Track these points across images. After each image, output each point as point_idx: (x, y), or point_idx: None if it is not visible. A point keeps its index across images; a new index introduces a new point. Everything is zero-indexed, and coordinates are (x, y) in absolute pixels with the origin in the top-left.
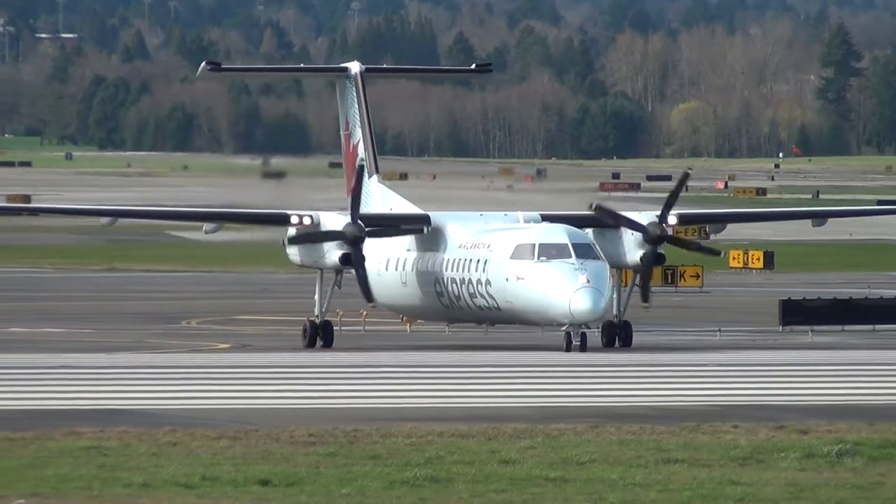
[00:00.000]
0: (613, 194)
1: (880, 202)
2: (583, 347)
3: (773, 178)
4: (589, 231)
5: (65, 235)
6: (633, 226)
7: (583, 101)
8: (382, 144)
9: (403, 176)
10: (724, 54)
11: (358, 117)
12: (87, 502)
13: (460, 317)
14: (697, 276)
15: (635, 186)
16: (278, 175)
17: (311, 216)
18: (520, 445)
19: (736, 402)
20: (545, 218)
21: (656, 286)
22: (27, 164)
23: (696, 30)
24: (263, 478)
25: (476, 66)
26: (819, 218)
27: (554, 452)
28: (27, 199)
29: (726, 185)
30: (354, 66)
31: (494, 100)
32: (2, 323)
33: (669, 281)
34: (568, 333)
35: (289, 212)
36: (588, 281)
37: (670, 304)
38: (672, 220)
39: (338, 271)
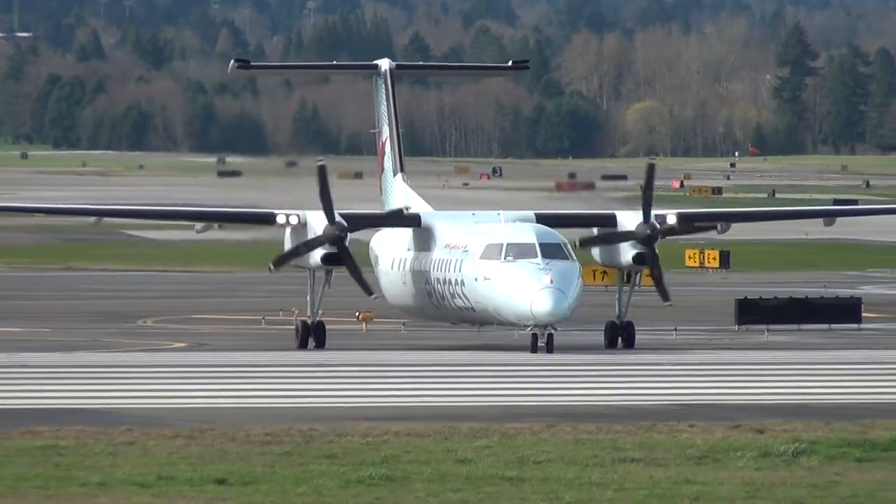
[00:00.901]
0: (569, 193)
1: (836, 202)
2: (549, 348)
3: (728, 178)
4: (595, 230)
5: (21, 235)
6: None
7: (538, 101)
8: (337, 144)
9: (359, 175)
10: (679, 54)
11: (385, 115)
12: (44, 502)
13: (448, 317)
14: None
15: (591, 186)
16: (234, 174)
17: (297, 215)
18: (476, 445)
19: (692, 402)
20: (540, 218)
21: (612, 285)
22: None
23: (651, 29)
24: (219, 477)
25: (513, 62)
26: (827, 217)
27: (510, 452)
28: None
29: (682, 185)
30: (384, 64)
31: (450, 99)
32: None
33: (626, 280)
34: (534, 334)
35: (275, 211)
36: (552, 281)
37: None
38: (671, 218)
39: (327, 271)
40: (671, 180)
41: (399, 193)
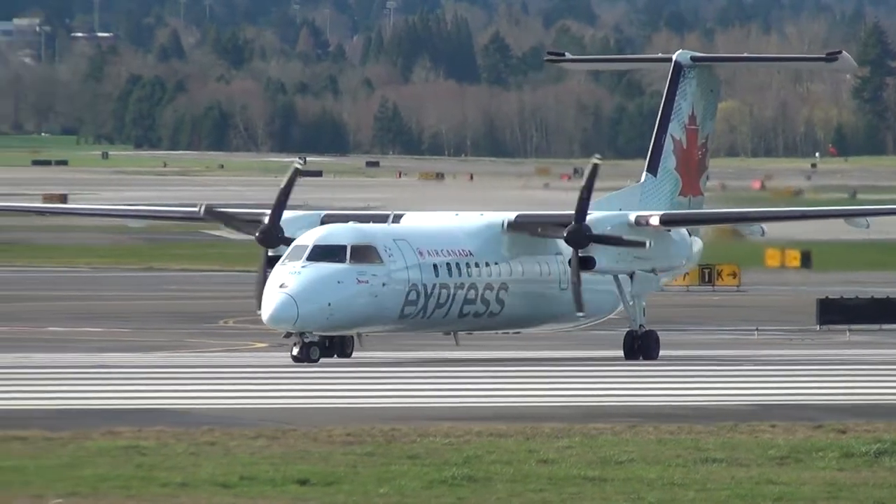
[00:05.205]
0: None
1: None
2: (307, 357)
3: (809, 178)
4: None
5: (101, 235)
6: (554, 225)
7: (619, 101)
8: (419, 144)
9: (440, 176)
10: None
11: (661, 108)
12: (125, 502)
13: None
14: (734, 275)
15: None
16: (315, 174)
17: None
18: (558, 445)
19: (774, 402)
20: (520, 219)
21: (693, 285)
22: (63, 163)
23: (731, 29)
24: (301, 477)
25: (827, 54)
26: (820, 218)
27: (592, 452)
28: (63, 198)
29: (763, 186)
30: (676, 55)
31: (531, 99)
32: (39, 322)
33: (707, 280)
34: (293, 343)
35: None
36: (292, 286)
37: (708, 303)
38: (654, 220)
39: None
40: (751, 180)
41: (632, 195)
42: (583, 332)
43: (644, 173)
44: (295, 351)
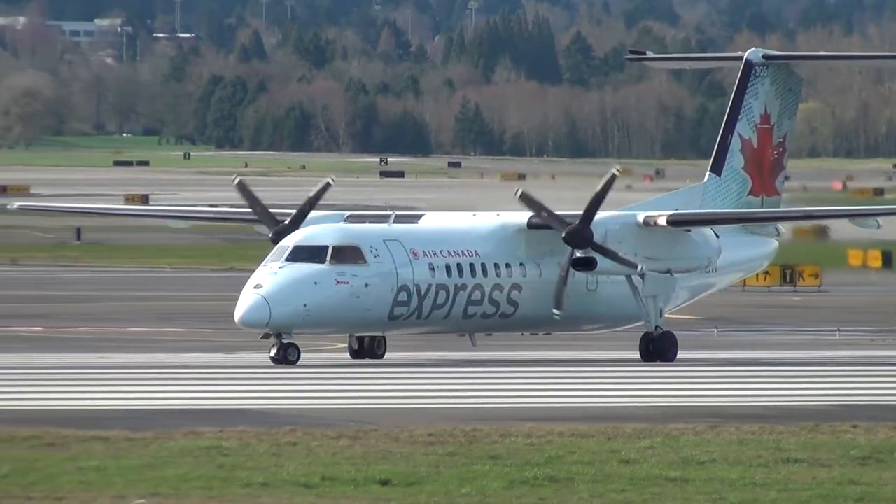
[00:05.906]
0: None
1: None
2: (284, 359)
3: (891, 178)
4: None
5: (182, 235)
6: (556, 221)
7: (701, 102)
8: (501, 144)
9: (521, 176)
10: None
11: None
12: (207, 502)
13: None
14: (816, 276)
15: None
16: (397, 174)
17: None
18: (639, 445)
19: (855, 402)
20: (534, 219)
21: (774, 285)
22: (145, 163)
23: (813, 30)
24: (383, 477)
25: None
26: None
27: (674, 452)
28: (145, 198)
29: (844, 186)
30: (748, 54)
31: (612, 100)
32: (121, 323)
33: (788, 280)
34: (272, 344)
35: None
36: (267, 287)
37: (789, 303)
38: (662, 220)
39: None
40: (833, 181)
41: (692, 194)
42: (599, 334)
43: (707, 173)
44: (272, 352)
